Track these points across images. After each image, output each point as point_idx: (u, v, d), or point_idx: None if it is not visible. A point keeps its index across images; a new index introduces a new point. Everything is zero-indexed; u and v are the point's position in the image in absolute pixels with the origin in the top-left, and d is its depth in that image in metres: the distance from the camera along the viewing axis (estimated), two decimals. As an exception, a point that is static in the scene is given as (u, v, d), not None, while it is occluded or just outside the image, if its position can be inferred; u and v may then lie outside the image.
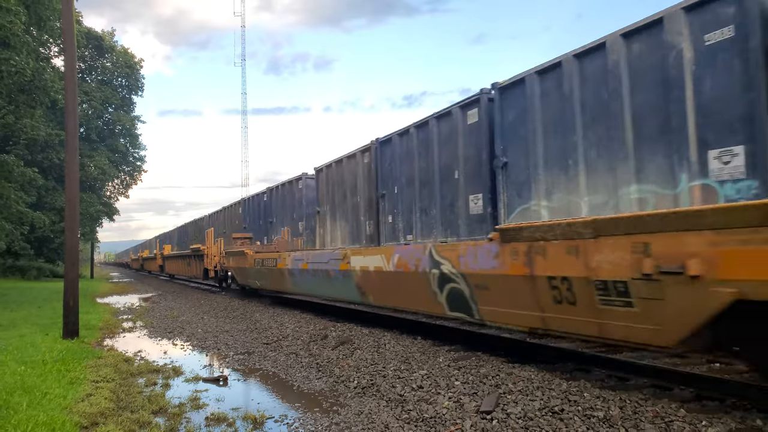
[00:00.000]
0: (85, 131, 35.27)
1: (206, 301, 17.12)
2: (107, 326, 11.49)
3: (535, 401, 4.59)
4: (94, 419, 4.76)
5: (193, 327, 11.26)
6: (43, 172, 29.88)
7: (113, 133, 39.03)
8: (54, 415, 4.65)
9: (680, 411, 4.13)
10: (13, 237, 24.40)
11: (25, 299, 17.24)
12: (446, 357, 6.52)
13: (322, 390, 5.91)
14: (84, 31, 33.76)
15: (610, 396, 4.54)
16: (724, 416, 4.07)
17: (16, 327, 10.35)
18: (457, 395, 5.03)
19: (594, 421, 4.09)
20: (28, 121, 24.03)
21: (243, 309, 13.75)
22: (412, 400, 5.08)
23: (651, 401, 4.41)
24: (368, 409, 5.00)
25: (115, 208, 40.75)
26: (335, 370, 6.61)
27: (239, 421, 4.90)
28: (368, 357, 6.99)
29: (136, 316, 13.71)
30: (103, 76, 38.56)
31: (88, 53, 36.67)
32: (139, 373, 6.83)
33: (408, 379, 5.77)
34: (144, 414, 4.93)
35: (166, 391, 5.98)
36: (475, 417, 4.45)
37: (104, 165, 35.22)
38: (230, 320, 12.02)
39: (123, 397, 5.56)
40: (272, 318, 11.52)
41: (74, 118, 9.69)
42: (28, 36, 20.84)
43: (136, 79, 39.93)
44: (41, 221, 25.37)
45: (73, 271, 9.54)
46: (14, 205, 21.97)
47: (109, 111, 38.03)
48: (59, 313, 10.13)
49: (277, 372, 6.94)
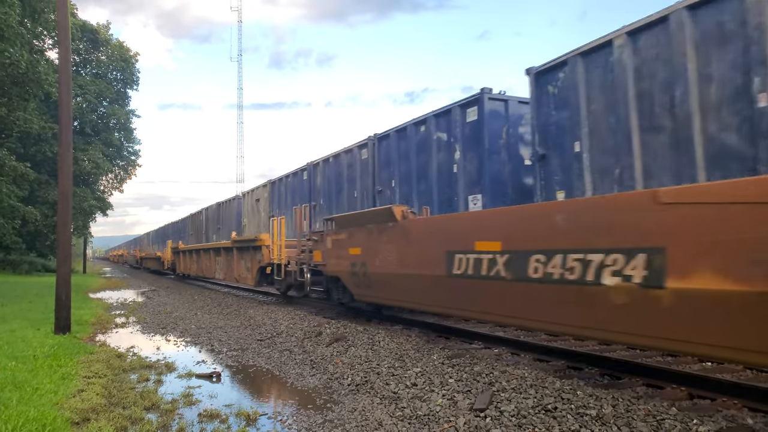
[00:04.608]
0: (79, 125, 35.02)
1: (200, 297, 17.07)
2: (100, 321, 11.44)
3: (529, 399, 4.60)
4: (86, 415, 4.73)
5: (186, 323, 11.22)
6: (36, 165, 29.68)
7: (107, 127, 38.79)
8: (45, 410, 4.62)
9: (672, 409, 4.15)
10: (5, 231, 24.23)
11: (17, 294, 17.12)
12: (440, 354, 6.53)
13: (316, 387, 5.90)
14: (79, 24, 33.52)
15: (603, 394, 4.55)
16: (715, 414, 4.09)
17: (6, 322, 10.28)
18: (451, 393, 5.03)
19: (587, 419, 4.10)
20: (21, 113, 23.86)
21: (237, 305, 13.72)
22: (406, 398, 5.08)
23: (643, 400, 4.43)
24: (362, 406, 5.00)
25: (108, 203, 40.55)
26: (329, 367, 6.60)
27: (232, 417, 4.88)
28: (362, 354, 6.98)
29: (129, 311, 13.65)
30: (97, 70, 38.29)
31: (82, 46, 36.41)
32: (132, 369, 6.80)
33: (402, 376, 5.78)
34: (136, 410, 4.91)
35: (159, 387, 5.95)
36: (468, 414, 4.46)
37: (98, 159, 35.03)
38: (224, 316, 11.99)
39: (115, 393, 5.53)
40: (266, 314, 11.50)
41: (68, 112, 9.61)
42: (23, 28, 20.67)
43: (131, 72, 39.70)
44: (33, 215, 25.20)
45: (65, 266, 9.48)
46: (6, 199, 21.82)
47: (104, 105, 37.79)
48: (51, 308, 10.06)
49: (270, 369, 6.92)
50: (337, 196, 13.73)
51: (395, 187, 11.19)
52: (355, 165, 12.84)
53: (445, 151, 10.11)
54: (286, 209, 16.58)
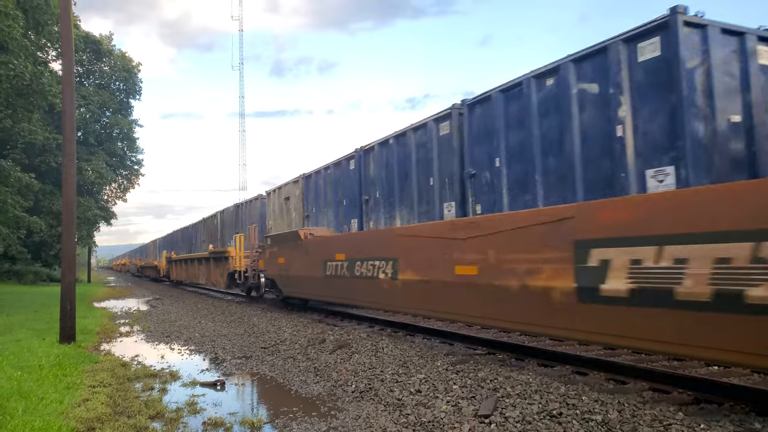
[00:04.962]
0: (83, 135, 35.24)
1: (204, 305, 17.08)
2: (104, 330, 11.45)
3: (534, 405, 4.58)
4: (91, 424, 4.73)
5: (190, 331, 11.22)
6: (41, 176, 29.83)
7: (111, 137, 39.03)
8: (50, 420, 4.63)
9: (678, 414, 4.12)
10: (10, 241, 24.33)
11: (22, 304, 17.17)
12: (444, 361, 6.51)
13: (320, 394, 5.89)
14: (82, 35, 33.78)
15: (609, 399, 4.53)
16: (722, 419, 4.07)
17: (12, 332, 10.30)
18: (456, 399, 5.01)
19: (592, 424, 4.08)
20: (26, 125, 24.03)
21: (240, 313, 13.72)
22: (410, 405, 5.06)
23: (649, 405, 4.41)
24: (366, 413, 4.98)
25: (112, 212, 40.72)
26: (333, 375, 6.59)
27: (236, 425, 4.88)
28: (366, 361, 6.97)
29: (134, 320, 13.67)
30: (100, 80, 38.58)
31: (86, 57, 36.70)
32: (136, 378, 6.80)
33: (406, 383, 5.76)
34: (141, 419, 4.91)
35: (163, 396, 5.95)
36: (473, 421, 4.44)
37: (102, 169, 35.21)
38: (227, 324, 11.99)
39: (120, 402, 5.54)
40: (270, 322, 11.50)
41: (72, 122, 9.67)
42: (27, 40, 20.86)
43: (134, 83, 39.99)
44: (38, 226, 25.31)
45: (70, 276, 9.51)
46: (11, 210, 21.92)
47: (107, 115, 38.03)
48: (56, 317, 10.09)
49: (274, 376, 6.92)
50: (402, 185, 10.58)
51: (501, 167, 8.07)
52: (428, 144, 9.70)
53: (597, 108, 6.95)
54: (326, 207, 13.92)
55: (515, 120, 7.89)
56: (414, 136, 10.22)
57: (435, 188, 9.38)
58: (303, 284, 12.03)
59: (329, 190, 13.82)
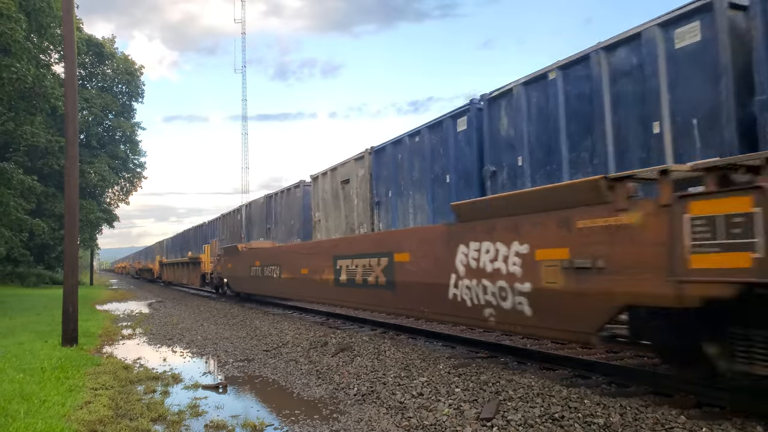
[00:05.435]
0: (85, 138, 35.35)
1: (206, 308, 17.09)
2: (106, 333, 11.47)
3: (536, 408, 4.58)
4: (93, 427, 4.74)
5: (192, 334, 11.24)
6: (43, 178, 29.93)
7: (113, 140, 39.16)
8: (52, 422, 4.64)
9: (680, 417, 4.12)
10: (13, 244, 24.39)
11: (24, 306, 17.20)
12: (446, 364, 6.51)
13: (322, 397, 5.89)
14: (84, 38, 33.92)
15: (611, 403, 4.53)
16: (724, 422, 4.06)
17: (14, 334, 10.33)
18: (458, 402, 5.01)
19: (594, 428, 4.08)
20: (28, 127, 24.12)
21: (242, 316, 13.73)
22: (412, 407, 5.06)
23: (651, 408, 4.40)
24: (368, 416, 4.98)
25: (114, 215, 40.80)
26: (335, 377, 6.59)
27: (239, 428, 4.88)
28: (368, 364, 6.97)
29: (136, 323, 13.68)
30: (103, 83, 38.73)
31: (88, 60, 36.84)
32: (138, 381, 6.81)
33: (408, 386, 5.76)
34: (143, 422, 4.91)
35: (166, 399, 5.95)
36: (475, 424, 4.44)
37: (104, 171, 35.32)
38: (230, 327, 12.00)
39: (122, 404, 5.54)
40: (272, 325, 11.51)
41: (74, 125, 9.71)
42: (29, 43, 20.95)
43: (136, 85, 40.14)
44: (40, 228, 25.38)
45: (72, 278, 9.53)
46: (13, 212, 21.98)
47: (110, 118, 38.17)
48: (58, 320, 10.11)
49: (276, 379, 6.92)
50: (551, 149, 7.81)
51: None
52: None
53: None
54: (414, 188, 11.15)
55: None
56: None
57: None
58: (241, 282, 16.80)
59: (417, 165, 11.01)
